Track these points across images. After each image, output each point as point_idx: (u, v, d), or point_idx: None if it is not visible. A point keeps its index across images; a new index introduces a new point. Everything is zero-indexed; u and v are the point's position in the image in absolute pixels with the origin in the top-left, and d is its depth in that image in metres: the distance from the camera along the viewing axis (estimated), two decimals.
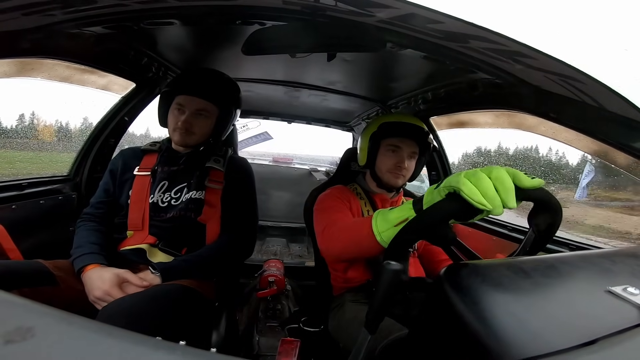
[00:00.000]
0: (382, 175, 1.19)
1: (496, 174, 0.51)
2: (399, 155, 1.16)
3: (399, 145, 1.16)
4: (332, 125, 2.77)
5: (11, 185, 1.28)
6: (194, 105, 1.13)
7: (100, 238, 1.08)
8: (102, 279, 0.91)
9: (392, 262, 0.48)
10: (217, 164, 1.22)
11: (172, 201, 1.14)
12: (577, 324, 0.35)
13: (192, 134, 1.14)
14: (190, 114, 1.13)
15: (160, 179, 1.16)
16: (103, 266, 0.96)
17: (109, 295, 0.89)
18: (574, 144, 1.07)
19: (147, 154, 1.22)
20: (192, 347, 0.27)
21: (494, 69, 0.91)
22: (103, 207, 1.17)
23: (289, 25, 0.89)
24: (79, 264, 0.97)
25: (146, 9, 0.86)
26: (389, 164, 1.17)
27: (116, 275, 0.92)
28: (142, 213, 1.12)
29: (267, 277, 1.65)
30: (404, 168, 1.16)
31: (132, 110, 1.63)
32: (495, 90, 1.12)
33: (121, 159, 1.22)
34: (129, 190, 1.15)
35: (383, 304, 0.49)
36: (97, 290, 0.90)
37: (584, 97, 0.79)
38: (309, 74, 1.61)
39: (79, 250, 1.01)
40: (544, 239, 0.61)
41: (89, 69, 1.29)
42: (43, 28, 0.89)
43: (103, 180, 1.21)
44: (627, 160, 0.89)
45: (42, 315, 0.27)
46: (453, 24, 0.67)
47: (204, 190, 1.17)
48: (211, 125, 1.18)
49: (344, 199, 1.17)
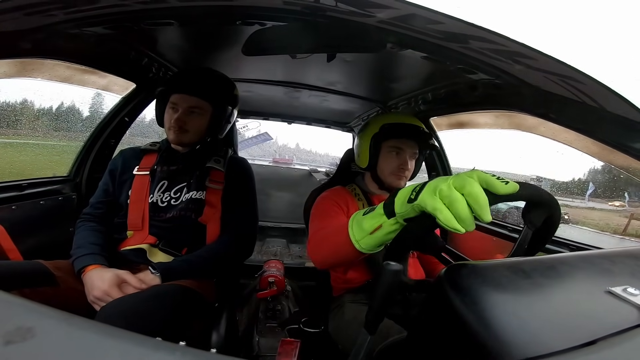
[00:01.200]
0: (385, 178, 1.19)
1: (469, 189, 0.48)
2: (401, 157, 1.16)
3: (401, 146, 1.15)
4: (333, 126, 2.76)
5: (11, 186, 1.28)
6: (187, 103, 1.13)
7: (100, 238, 1.07)
8: (102, 279, 0.91)
9: (391, 262, 0.48)
10: (218, 164, 1.22)
11: (172, 201, 1.14)
12: (577, 325, 0.35)
13: (186, 132, 1.14)
14: (183, 112, 1.13)
15: (160, 179, 1.16)
16: (104, 267, 0.96)
17: (107, 295, 0.88)
18: (574, 145, 1.07)
19: (147, 154, 1.22)
20: (191, 347, 0.27)
21: (493, 70, 0.91)
22: (103, 207, 1.17)
23: (289, 26, 0.89)
24: (79, 264, 0.97)
25: (147, 9, 0.86)
26: (392, 166, 1.16)
27: (116, 276, 0.92)
28: (141, 213, 1.12)
29: (267, 277, 1.65)
30: (407, 169, 1.16)
31: (132, 111, 1.63)
32: (495, 91, 1.12)
33: (121, 159, 1.22)
34: (129, 190, 1.15)
35: (383, 305, 0.49)
36: (96, 290, 0.90)
37: (584, 98, 0.79)
38: (309, 74, 1.61)
39: (79, 250, 1.00)
40: (545, 235, 0.60)
41: (89, 69, 1.29)
42: (44, 28, 0.89)
43: (103, 180, 1.21)
44: (627, 161, 0.89)
45: (43, 315, 0.27)
46: (453, 24, 0.67)
47: (204, 190, 1.17)
48: (205, 123, 1.17)
49: (341, 202, 1.16)
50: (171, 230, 1.12)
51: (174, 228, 1.12)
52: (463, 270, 0.44)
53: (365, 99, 1.90)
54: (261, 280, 1.68)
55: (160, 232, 1.11)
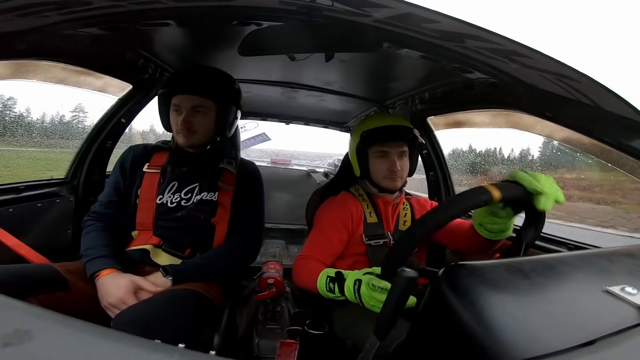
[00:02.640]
0: (380, 182, 1.19)
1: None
2: (388, 159, 1.16)
3: (385, 149, 1.16)
4: (330, 126, 2.76)
5: (8, 189, 1.27)
6: (190, 103, 1.10)
7: (111, 240, 1.06)
8: (118, 286, 0.90)
9: (407, 269, 0.48)
10: (230, 166, 1.21)
11: (182, 202, 1.13)
12: (576, 325, 0.35)
13: (195, 133, 1.12)
14: (188, 112, 1.11)
15: (170, 180, 1.14)
16: (118, 272, 0.95)
17: (123, 302, 0.88)
18: (571, 143, 1.07)
19: (157, 152, 1.20)
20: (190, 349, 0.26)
21: (489, 68, 0.91)
22: (112, 207, 1.14)
23: (285, 26, 0.89)
24: (92, 268, 0.95)
25: (142, 10, 0.85)
26: (382, 171, 1.17)
27: (131, 282, 0.91)
28: (150, 212, 1.11)
29: (266, 279, 1.64)
30: (398, 170, 1.16)
31: (129, 112, 1.62)
32: (492, 90, 1.13)
33: (130, 155, 1.19)
34: (138, 188, 1.13)
35: (395, 312, 0.49)
36: (111, 297, 0.89)
37: (580, 96, 0.80)
38: (306, 74, 1.61)
39: (90, 252, 0.99)
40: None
41: (85, 70, 1.29)
42: (38, 30, 0.88)
43: (112, 177, 1.18)
44: (623, 159, 0.90)
45: (40, 318, 0.27)
46: (449, 23, 0.67)
47: (217, 191, 1.16)
48: (212, 121, 1.15)
49: (346, 214, 1.18)
50: (176, 231, 1.11)
51: (180, 229, 1.11)
52: (461, 270, 0.43)
53: (362, 99, 1.90)
54: (260, 281, 1.67)
55: (165, 233, 1.10)
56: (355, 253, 1.19)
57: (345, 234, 1.16)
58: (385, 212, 1.23)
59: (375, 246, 1.17)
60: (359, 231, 1.18)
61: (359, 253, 1.18)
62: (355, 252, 1.19)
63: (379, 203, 1.23)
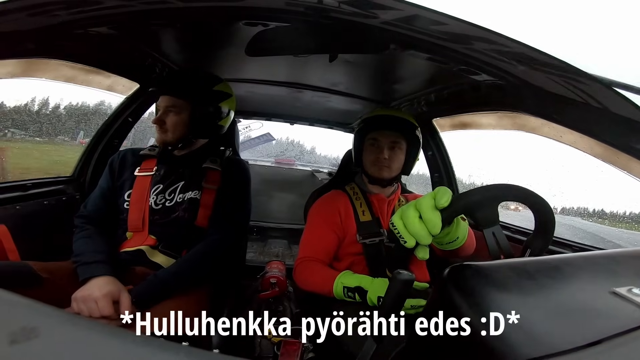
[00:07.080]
0: (368, 170, 1.21)
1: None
2: (378, 147, 1.18)
3: (377, 137, 1.18)
4: (335, 127, 2.76)
5: (15, 186, 1.28)
6: (164, 103, 1.16)
7: (103, 244, 1.04)
8: (100, 287, 0.88)
9: (402, 271, 0.48)
10: (214, 164, 1.22)
11: (166, 203, 1.14)
12: (582, 325, 0.35)
13: (166, 131, 1.16)
14: (162, 111, 1.16)
15: (156, 182, 1.16)
16: (109, 277, 0.93)
17: (94, 302, 0.85)
18: (578, 146, 1.06)
19: (146, 159, 1.22)
20: (195, 347, 0.27)
21: (497, 71, 0.91)
22: (103, 208, 1.15)
23: (291, 27, 0.89)
24: (84, 273, 0.93)
25: (151, 10, 0.86)
26: (371, 157, 1.19)
27: (117, 291, 0.90)
28: (142, 214, 1.11)
29: (269, 278, 1.64)
30: (384, 158, 1.16)
31: (136, 111, 1.63)
32: (499, 92, 1.12)
33: (119, 159, 1.21)
34: (128, 191, 1.15)
35: (391, 314, 0.49)
36: (86, 291, 0.87)
37: (587, 98, 0.79)
38: (311, 75, 1.61)
39: (81, 257, 0.97)
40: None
41: (93, 69, 1.30)
42: (48, 29, 0.89)
43: (102, 179, 1.20)
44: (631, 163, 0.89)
45: (47, 315, 0.27)
46: (456, 25, 0.67)
47: (200, 190, 1.17)
48: (184, 120, 1.16)
49: (333, 211, 1.20)
50: (169, 232, 1.11)
51: (172, 230, 1.12)
52: (467, 271, 0.43)
53: (368, 100, 1.90)
54: (263, 281, 1.67)
55: (160, 234, 1.10)
56: (351, 253, 1.19)
57: (335, 229, 1.17)
58: (381, 209, 1.23)
59: (370, 245, 1.17)
60: (352, 230, 1.19)
61: (355, 253, 1.18)
62: (351, 252, 1.19)
63: (374, 201, 1.23)
